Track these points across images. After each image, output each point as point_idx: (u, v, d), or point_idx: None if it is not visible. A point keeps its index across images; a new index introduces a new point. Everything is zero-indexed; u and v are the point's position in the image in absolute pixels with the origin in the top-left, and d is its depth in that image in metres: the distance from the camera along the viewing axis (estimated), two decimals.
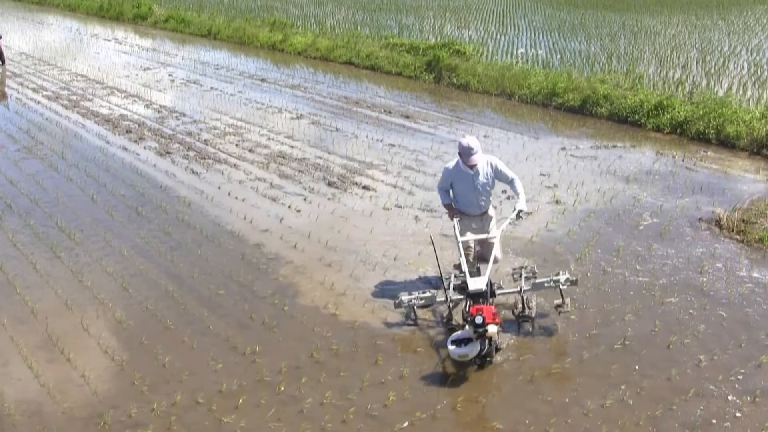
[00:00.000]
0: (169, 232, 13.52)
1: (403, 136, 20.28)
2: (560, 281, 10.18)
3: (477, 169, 10.43)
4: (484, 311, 8.95)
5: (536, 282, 10.34)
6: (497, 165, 10.59)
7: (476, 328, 8.87)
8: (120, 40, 40.40)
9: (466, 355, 9.02)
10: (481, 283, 9.67)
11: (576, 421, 8.37)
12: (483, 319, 8.85)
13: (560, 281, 10.18)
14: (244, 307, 10.90)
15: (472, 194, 10.65)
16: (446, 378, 9.00)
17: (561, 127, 21.50)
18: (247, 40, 37.70)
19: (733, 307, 10.84)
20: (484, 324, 8.84)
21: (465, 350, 9.01)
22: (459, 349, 9.02)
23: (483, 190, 10.63)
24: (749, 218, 13.78)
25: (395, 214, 14.46)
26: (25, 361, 9.45)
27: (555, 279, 10.21)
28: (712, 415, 8.46)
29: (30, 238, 13.24)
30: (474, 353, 9.03)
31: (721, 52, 30.97)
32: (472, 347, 9.01)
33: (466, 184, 10.58)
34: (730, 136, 19.15)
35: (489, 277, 9.92)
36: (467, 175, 10.50)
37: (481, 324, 8.83)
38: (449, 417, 8.40)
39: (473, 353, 9.03)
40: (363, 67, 30.99)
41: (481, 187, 10.58)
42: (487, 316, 8.91)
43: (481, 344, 9.03)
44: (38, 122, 21.93)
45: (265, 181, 16.38)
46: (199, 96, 25.88)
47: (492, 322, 8.93)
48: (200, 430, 8.16)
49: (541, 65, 28.28)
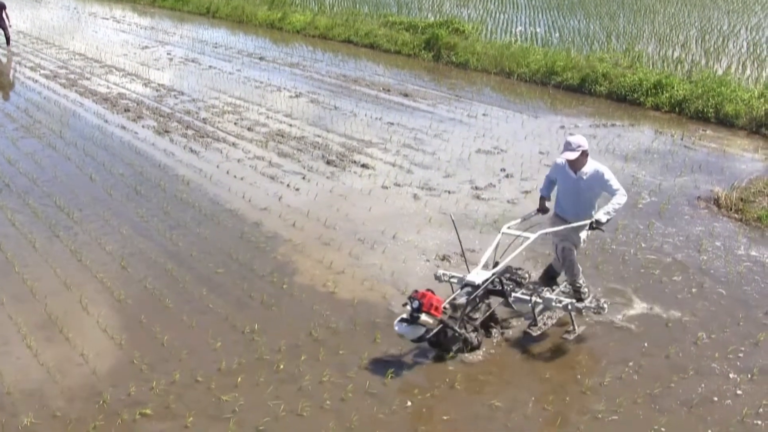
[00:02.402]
0: (167, 210, 13.51)
1: (402, 114, 20.27)
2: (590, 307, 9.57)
3: (581, 174, 9.70)
4: (426, 298, 8.56)
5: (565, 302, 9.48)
6: (604, 174, 9.67)
7: (411, 311, 8.59)
8: (118, 19, 40.31)
9: (404, 335, 8.72)
10: (476, 277, 9.19)
11: (574, 399, 8.39)
12: (419, 306, 8.50)
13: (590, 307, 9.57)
14: (243, 286, 10.89)
15: (569, 198, 9.97)
16: (445, 357, 9.00)
17: (560, 106, 21.51)
18: (245, 19, 37.63)
19: (732, 286, 10.86)
20: (419, 310, 8.50)
21: (404, 330, 8.66)
22: (400, 327, 8.68)
23: (580, 197, 9.84)
24: (747, 197, 13.79)
25: (394, 192, 14.45)
26: (24, 340, 9.45)
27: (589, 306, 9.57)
28: (712, 392, 8.48)
29: (28, 217, 13.22)
30: (412, 336, 8.70)
31: (721, 30, 30.92)
32: (413, 330, 8.64)
33: (565, 184, 9.98)
34: (728, 114, 19.17)
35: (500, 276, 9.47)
36: (568, 177, 9.87)
37: (416, 309, 8.52)
38: (448, 395, 8.41)
39: (411, 335, 8.70)
40: (362, 45, 30.96)
41: (577, 193, 9.84)
42: (426, 304, 8.51)
43: (425, 331, 8.66)
44: (36, 101, 21.88)
45: (264, 160, 16.36)
46: (198, 74, 25.83)
47: (427, 312, 8.51)
48: (199, 409, 8.17)
49: (539, 43, 28.26)
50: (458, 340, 9.00)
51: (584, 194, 9.80)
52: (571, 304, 9.36)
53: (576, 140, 9.60)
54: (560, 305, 9.40)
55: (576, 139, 9.64)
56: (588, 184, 9.72)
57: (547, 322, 9.54)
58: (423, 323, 8.54)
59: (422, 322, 8.53)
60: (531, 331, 9.38)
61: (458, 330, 8.89)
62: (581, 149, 9.54)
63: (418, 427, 7.94)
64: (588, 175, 9.69)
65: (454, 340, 8.98)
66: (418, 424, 7.99)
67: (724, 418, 8.07)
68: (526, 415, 8.14)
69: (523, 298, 9.50)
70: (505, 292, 9.48)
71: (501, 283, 9.50)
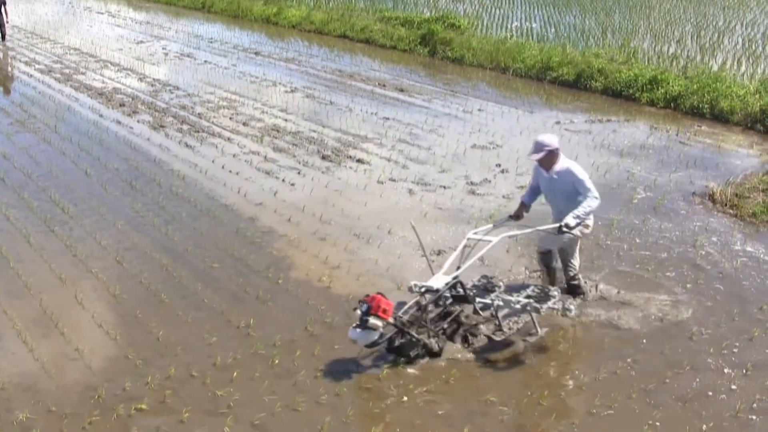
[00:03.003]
0: (163, 205, 13.50)
1: (398, 109, 20.28)
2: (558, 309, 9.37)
3: (552, 173, 9.76)
4: (374, 301, 8.41)
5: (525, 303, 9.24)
6: (574, 171, 9.67)
7: (361, 314, 8.43)
8: (113, 13, 40.26)
9: (356, 341, 8.56)
10: (435, 282, 9.03)
11: (570, 394, 8.40)
12: (367, 309, 8.37)
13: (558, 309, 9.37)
14: (238, 281, 10.89)
15: (549, 198, 10.15)
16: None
17: (555, 101, 21.53)
18: (241, 14, 37.63)
19: (727, 281, 10.88)
20: (368, 313, 8.34)
21: (356, 335, 8.50)
22: (353, 333, 8.52)
23: (558, 196, 9.91)
24: (742, 193, 13.81)
25: (389, 187, 14.45)
26: (19, 335, 9.44)
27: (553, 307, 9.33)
28: (706, 387, 8.49)
29: (23, 212, 13.21)
30: (365, 341, 8.52)
31: (716, 26, 30.95)
32: (365, 335, 8.46)
33: (543, 184, 10.11)
34: (724, 110, 19.20)
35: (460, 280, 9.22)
36: (543, 177, 9.98)
37: (365, 312, 8.37)
38: (443, 390, 8.42)
39: (364, 341, 8.52)
40: (357, 40, 30.98)
41: (554, 193, 9.97)
42: (375, 306, 8.37)
43: (378, 336, 8.47)
44: (31, 96, 21.86)
45: (259, 155, 16.36)
46: (193, 69, 25.82)
47: (375, 314, 8.33)
48: (195, 403, 8.17)
49: (535, 39, 28.30)
50: (416, 345, 8.80)
51: (561, 193, 9.83)
52: (530, 305, 9.13)
53: (543, 140, 9.70)
54: (518, 306, 9.21)
55: (544, 138, 9.76)
56: (562, 182, 9.75)
57: (513, 327, 9.31)
58: (372, 326, 8.35)
59: (371, 325, 8.34)
60: (494, 337, 9.13)
61: (416, 335, 8.72)
62: (547, 149, 9.60)
63: (414, 422, 7.94)
64: (559, 173, 9.75)
65: (411, 345, 8.78)
66: (413, 418, 7.99)
67: (718, 412, 8.08)
68: (521, 410, 8.15)
69: (486, 302, 9.29)
70: (468, 298, 9.27)
71: (464, 288, 9.27)
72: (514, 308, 9.30)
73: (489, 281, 9.87)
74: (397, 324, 8.58)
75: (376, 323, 8.35)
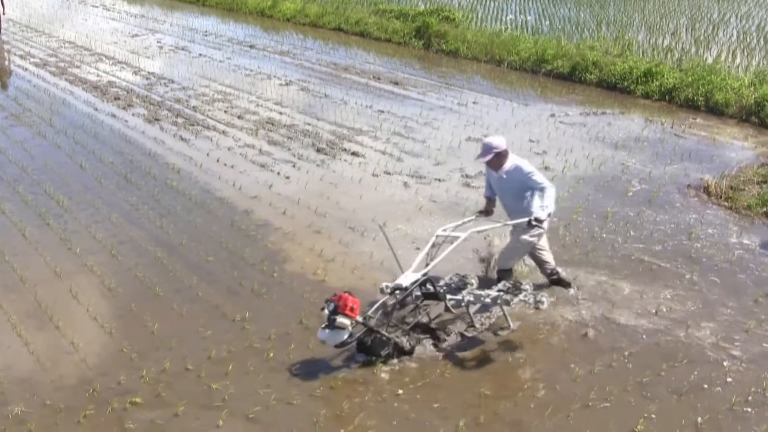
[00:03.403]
0: (158, 198, 13.49)
1: (392, 102, 20.26)
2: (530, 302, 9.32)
3: (501, 173, 9.78)
4: (342, 300, 8.40)
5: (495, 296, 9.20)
6: (523, 168, 9.70)
7: (328, 314, 8.38)
8: (108, 7, 40.16)
9: (326, 341, 8.48)
10: (404, 279, 8.93)
11: (564, 387, 8.40)
12: (335, 308, 8.33)
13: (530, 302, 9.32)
14: (233, 274, 10.89)
15: (500, 196, 10.14)
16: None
17: (550, 94, 21.53)
18: (236, 7, 37.54)
19: (722, 273, 10.89)
20: (335, 312, 8.31)
21: (325, 336, 8.43)
22: (322, 333, 8.45)
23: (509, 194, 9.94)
24: (737, 185, 13.83)
25: (384, 180, 14.45)
26: (14, 329, 9.43)
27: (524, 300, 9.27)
28: (701, 380, 8.50)
29: (18, 206, 13.19)
30: (334, 341, 8.43)
31: (711, 19, 30.94)
32: (334, 334, 8.39)
33: (494, 184, 10.14)
34: (718, 103, 19.21)
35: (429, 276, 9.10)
36: (493, 176, 10.03)
37: (332, 311, 8.33)
38: (438, 383, 8.42)
39: (333, 341, 8.44)
40: (352, 33, 30.94)
41: (504, 192, 10.01)
42: (342, 305, 8.34)
43: (347, 335, 8.41)
44: (26, 89, 21.80)
45: (254, 148, 16.34)
46: (188, 63, 25.77)
47: (343, 313, 8.30)
48: (190, 397, 8.17)
49: (530, 32, 28.26)
50: (387, 344, 8.70)
51: (510, 191, 9.89)
52: (500, 298, 9.10)
53: (491, 141, 9.75)
54: (488, 299, 9.14)
55: (491, 140, 9.80)
56: (511, 180, 9.77)
57: (485, 322, 9.29)
58: (340, 325, 8.30)
59: (339, 324, 8.29)
60: (467, 333, 9.10)
61: (386, 334, 8.64)
62: (495, 151, 9.64)
63: (409, 415, 7.95)
64: (508, 171, 9.76)
65: (381, 344, 8.68)
66: (408, 411, 8.00)
67: (713, 405, 8.09)
68: (516, 403, 8.16)
69: (457, 299, 9.16)
70: (439, 295, 9.12)
71: (434, 285, 9.13)
72: (485, 302, 9.24)
73: (461, 279, 9.75)
74: (366, 323, 8.53)
75: (344, 322, 8.31)
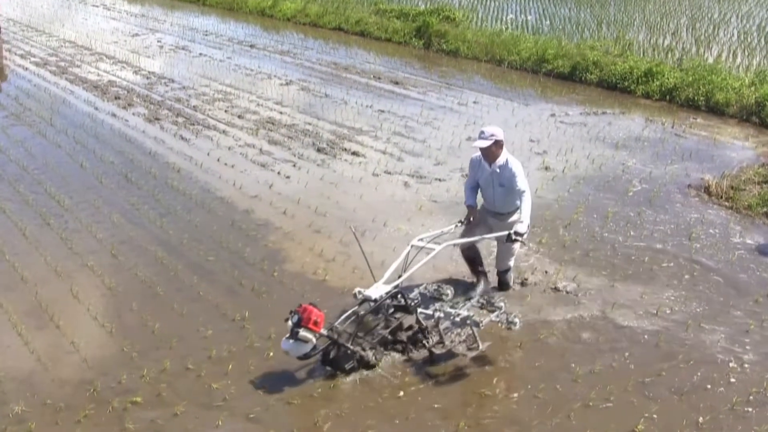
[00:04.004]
0: (158, 198, 13.48)
1: (393, 102, 20.26)
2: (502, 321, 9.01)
3: (495, 166, 9.71)
4: (306, 312, 8.12)
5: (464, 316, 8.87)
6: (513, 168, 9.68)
7: (292, 325, 8.13)
8: (108, 6, 40.16)
9: (288, 352, 8.25)
10: (373, 291, 8.65)
11: (565, 387, 8.40)
12: (298, 320, 8.07)
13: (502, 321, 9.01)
14: (233, 274, 10.89)
15: (491, 190, 9.93)
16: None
17: (550, 94, 21.52)
18: (236, 6, 37.54)
19: (722, 274, 10.89)
20: (299, 325, 8.05)
21: (288, 346, 8.20)
22: (286, 343, 8.21)
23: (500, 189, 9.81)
24: (738, 185, 13.82)
25: (384, 180, 14.44)
26: (15, 328, 9.43)
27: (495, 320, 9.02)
28: (702, 380, 8.50)
29: (19, 205, 13.18)
30: (297, 353, 8.23)
31: (711, 19, 30.94)
32: (297, 346, 8.17)
33: (484, 177, 9.92)
34: (719, 103, 19.20)
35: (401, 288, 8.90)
36: (485, 170, 9.86)
37: (296, 324, 8.07)
38: (438, 384, 8.41)
39: (295, 352, 8.23)
40: (352, 33, 30.94)
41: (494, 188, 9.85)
42: (305, 318, 8.07)
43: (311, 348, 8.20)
44: (26, 89, 21.79)
45: (255, 148, 16.33)
46: (188, 62, 25.76)
47: (306, 327, 8.05)
48: (190, 397, 8.16)
49: (530, 31, 28.26)
50: (351, 358, 8.51)
51: (501, 187, 9.79)
52: (470, 318, 8.74)
53: (490, 129, 9.67)
54: (458, 318, 8.79)
55: (490, 128, 9.72)
56: (503, 177, 9.72)
57: (455, 339, 8.84)
58: (302, 338, 8.08)
59: (302, 338, 8.07)
60: (435, 350, 8.74)
61: (351, 347, 8.42)
62: (494, 138, 9.58)
63: (409, 415, 7.94)
64: (502, 166, 9.72)
65: (346, 358, 8.49)
66: (408, 412, 7.99)
67: (715, 405, 8.10)
68: (516, 403, 8.16)
69: (428, 313, 8.93)
70: (409, 308, 8.94)
71: (405, 298, 8.95)
72: (455, 321, 8.87)
73: (437, 289, 9.69)
74: (331, 336, 8.33)
75: (307, 336, 8.10)
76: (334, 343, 8.39)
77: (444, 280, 10.46)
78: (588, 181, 14.30)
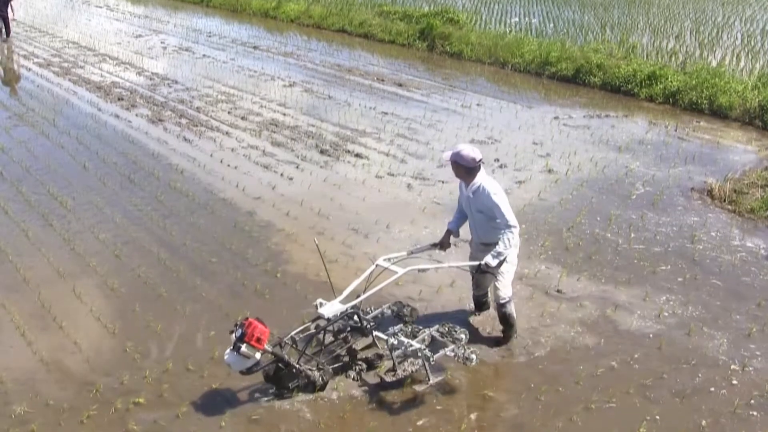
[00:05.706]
0: (161, 199, 13.49)
1: (396, 104, 20.26)
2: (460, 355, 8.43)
3: (470, 190, 8.73)
4: (250, 328, 7.76)
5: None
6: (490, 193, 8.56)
7: (235, 339, 7.80)
8: (111, 7, 40.21)
9: (230, 365, 7.93)
10: (328, 310, 8.25)
11: (567, 389, 8.40)
12: (241, 335, 7.72)
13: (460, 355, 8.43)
14: (236, 275, 10.89)
15: (471, 219, 9.06)
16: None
17: (554, 96, 21.51)
18: (240, 7, 37.58)
19: (725, 277, 10.88)
20: (241, 339, 7.70)
21: (230, 359, 7.87)
22: (229, 356, 7.87)
23: (477, 216, 8.85)
24: (741, 188, 13.81)
25: (388, 182, 14.45)
26: (18, 329, 9.44)
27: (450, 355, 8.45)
28: (704, 383, 8.50)
29: (22, 206, 13.20)
30: (238, 367, 7.93)
31: (715, 22, 30.95)
32: (239, 360, 7.85)
33: (464, 203, 9.08)
34: (722, 106, 19.20)
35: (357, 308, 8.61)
36: (463, 194, 9.04)
37: (238, 338, 7.74)
38: (441, 386, 8.40)
39: (237, 367, 7.93)
40: (356, 34, 30.96)
41: (472, 215, 8.93)
42: (249, 333, 7.70)
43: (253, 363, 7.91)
44: (29, 89, 21.83)
45: (258, 149, 16.34)
46: (192, 63, 25.78)
47: (248, 343, 7.67)
48: (192, 397, 8.17)
49: (534, 34, 28.27)
50: (296, 377, 8.22)
51: (479, 215, 8.84)
52: (420, 351, 8.19)
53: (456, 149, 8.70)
54: (410, 350, 8.26)
55: (459, 147, 8.72)
56: (478, 203, 8.73)
57: (408, 369, 8.37)
58: (244, 354, 7.73)
59: (243, 353, 7.72)
60: (385, 377, 8.33)
61: (296, 366, 8.13)
62: (453, 159, 8.64)
63: (411, 417, 7.94)
64: (475, 192, 8.71)
65: (290, 377, 8.20)
66: (411, 414, 7.99)
67: (717, 408, 8.09)
68: (519, 405, 8.15)
69: (382, 338, 8.55)
70: (365, 330, 8.67)
71: (361, 319, 8.66)
72: (407, 352, 8.34)
73: (400, 308, 9.39)
74: (276, 353, 8.02)
75: (248, 352, 7.74)
76: (279, 360, 8.12)
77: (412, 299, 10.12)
78: (591, 184, 14.29)
